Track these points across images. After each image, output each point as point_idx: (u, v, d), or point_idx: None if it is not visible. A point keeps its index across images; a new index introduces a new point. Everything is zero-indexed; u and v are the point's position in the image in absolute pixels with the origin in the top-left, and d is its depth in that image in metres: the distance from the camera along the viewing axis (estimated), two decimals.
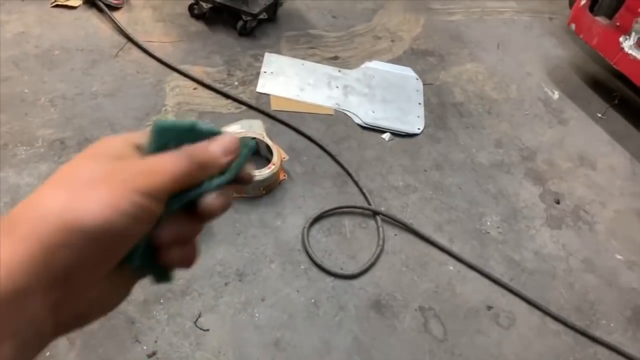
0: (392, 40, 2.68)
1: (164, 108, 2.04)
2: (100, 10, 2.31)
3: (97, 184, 0.30)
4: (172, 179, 0.32)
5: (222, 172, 0.35)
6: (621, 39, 2.35)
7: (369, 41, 2.65)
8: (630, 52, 2.33)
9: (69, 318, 0.32)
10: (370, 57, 2.56)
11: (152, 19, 2.38)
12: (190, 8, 2.41)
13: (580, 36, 2.54)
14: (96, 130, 1.88)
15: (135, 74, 2.14)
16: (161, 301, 1.52)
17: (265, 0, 2.45)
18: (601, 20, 2.43)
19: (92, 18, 2.30)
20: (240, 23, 2.38)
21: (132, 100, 2.04)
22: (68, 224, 0.29)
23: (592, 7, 2.46)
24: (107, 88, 2.06)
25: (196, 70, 2.21)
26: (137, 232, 0.31)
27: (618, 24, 2.35)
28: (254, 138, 1.82)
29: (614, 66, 2.44)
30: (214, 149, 0.35)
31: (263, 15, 2.42)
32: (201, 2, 2.35)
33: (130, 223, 0.30)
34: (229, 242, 1.70)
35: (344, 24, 2.70)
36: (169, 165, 0.33)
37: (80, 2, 2.34)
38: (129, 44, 2.24)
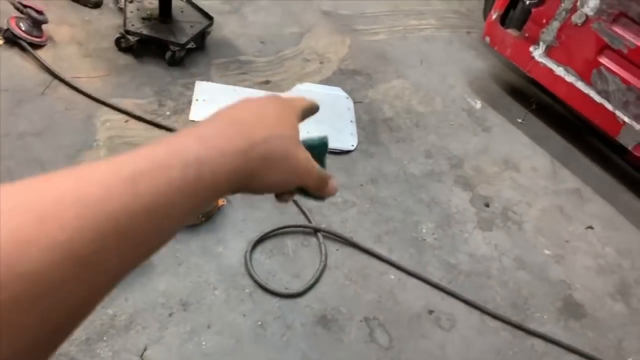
0: (321, 62, 2.77)
1: (95, 143, 2.02)
2: (22, 49, 2.27)
3: (290, 138, 0.48)
4: (312, 179, 0.51)
5: None
6: (531, 49, 2.53)
7: (299, 64, 2.72)
8: (540, 60, 2.51)
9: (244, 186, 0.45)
10: (300, 79, 2.62)
11: (78, 54, 2.36)
12: (117, 42, 2.40)
13: (495, 48, 2.70)
14: (26, 170, 1.84)
15: (63, 111, 2.11)
16: (104, 338, 1.50)
17: (192, 30, 2.48)
18: (512, 32, 2.60)
19: (14, 57, 2.26)
20: (168, 54, 2.40)
21: (62, 138, 2.01)
22: (269, 150, 0.44)
23: (503, 20, 2.63)
24: (35, 127, 2.02)
25: (126, 103, 2.20)
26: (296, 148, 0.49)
27: (527, 35, 2.53)
28: None
29: (528, 74, 2.61)
30: (333, 185, 0.54)
31: (191, 45, 2.45)
32: (128, 36, 2.35)
33: (283, 186, 0.48)
34: (171, 273, 1.69)
35: (272, 48, 2.76)
36: (316, 172, 0.51)
37: (1, 42, 2.29)
38: (56, 81, 2.20)
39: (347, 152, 2.30)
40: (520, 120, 2.76)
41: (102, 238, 0.30)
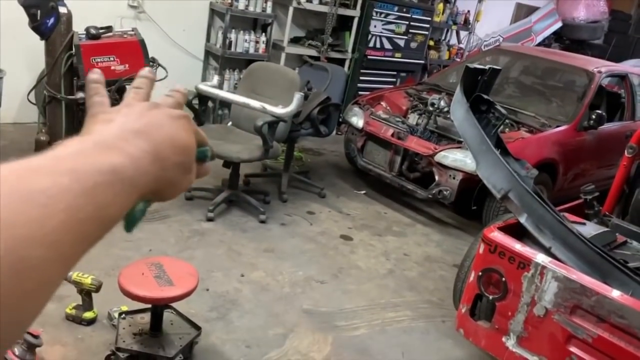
0: None
1: None
2: None
3: (186, 128, 0.54)
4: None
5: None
6: (504, 339, 2.66)
7: None
8: (514, 350, 2.63)
9: (154, 193, 0.50)
10: None
11: None
12: (108, 358, 2.47)
13: (470, 339, 2.84)
14: None
15: None
16: None
17: (180, 342, 2.58)
18: (483, 324, 2.78)
19: None
20: None
21: None
22: (176, 142, 0.51)
23: (472, 312, 2.83)
24: None
25: None
26: (194, 155, 0.55)
27: (497, 326, 2.70)
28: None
29: None
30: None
31: (179, 357, 2.52)
32: (118, 353, 2.44)
33: (194, 150, 0.54)
34: None
35: (257, 352, 2.84)
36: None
37: None
38: None
39: None
40: None
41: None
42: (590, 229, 2.94)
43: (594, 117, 4.78)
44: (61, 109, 4.15)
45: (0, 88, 3.43)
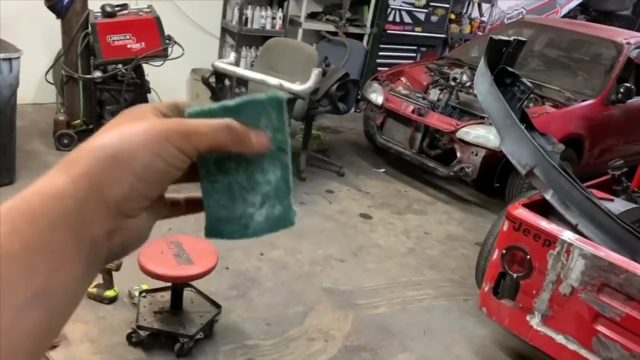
0: (326, 340, 2.82)
1: None
2: None
3: (144, 133, 0.37)
4: (209, 142, 0.39)
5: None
6: (528, 318, 2.61)
7: (304, 344, 2.76)
8: (539, 329, 2.57)
9: (117, 249, 0.39)
10: None
11: (89, 352, 2.42)
12: (129, 337, 2.49)
13: (493, 318, 2.79)
14: None
15: None
16: None
17: (201, 320, 2.58)
18: (506, 302, 2.72)
19: None
20: (177, 345, 2.46)
21: None
22: (119, 164, 0.36)
23: (495, 291, 2.78)
24: None
25: None
26: (173, 174, 0.39)
27: (521, 305, 2.64)
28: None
29: (530, 343, 2.64)
30: (253, 135, 0.42)
31: (200, 335, 2.53)
32: (139, 331, 2.45)
33: (167, 168, 0.38)
34: None
35: (278, 330, 2.84)
36: (209, 129, 0.39)
37: None
38: None
39: None
40: None
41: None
42: (618, 206, 2.85)
43: (622, 90, 4.62)
44: (79, 88, 4.15)
45: (17, 68, 3.41)
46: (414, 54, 6.93)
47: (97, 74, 4.07)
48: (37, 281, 0.33)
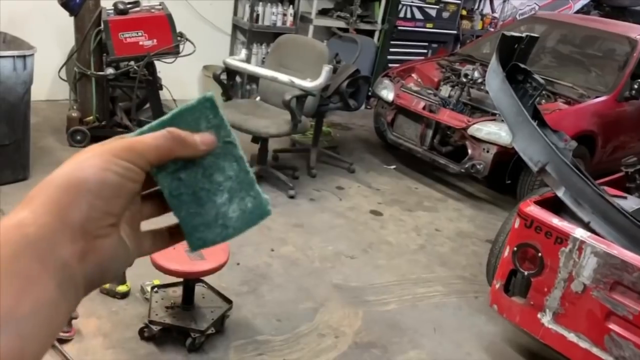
0: (336, 337, 2.83)
1: None
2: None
3: (92, 156, 0.40)
4: (155, 151, 0.42)
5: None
6: (539, 316, 2.60)
7: (314, 340, 2.78)
8: (550, 326, 2.56)
9: (94, 271, 0.40)
10: (316, 356, 2.65)
11: (102, 346, 2.45)
12: (141, 331, 2.51)
13: (504, 315, 2.78)
14: None
15: None
16: None
17: (212, 315, 2.60)
18: (517, 300, 2.72)
19: None
20: (189, 340, 2.48)
21: None
22: (74, 186, 0.39)
23: (507, 288, 2.77)
24: None
25: None
26: (128, 187, 0.41)
27: (532, 302, 2.63)
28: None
29: (541, 341, 2.63)
30: (196, 137, 0.45)
31: (211, 330, 2.55)
32: (151, 325, 2.47)
33: (120, 180, 0.40)
34: None
35: (288, 325, 2.85)
36: (150, 138, 0.43)
37: None
38: None
39: None
40: None
41: None
42: (631, 203, 2.83)
43: (636, 86, 4.57)
44: (91, 85, 4.18)
45: (31, 65, 3.45)
46: (425, 51, 6.91)
47: (110, 70, 4.09)
48: (3, 307, 0.34)
